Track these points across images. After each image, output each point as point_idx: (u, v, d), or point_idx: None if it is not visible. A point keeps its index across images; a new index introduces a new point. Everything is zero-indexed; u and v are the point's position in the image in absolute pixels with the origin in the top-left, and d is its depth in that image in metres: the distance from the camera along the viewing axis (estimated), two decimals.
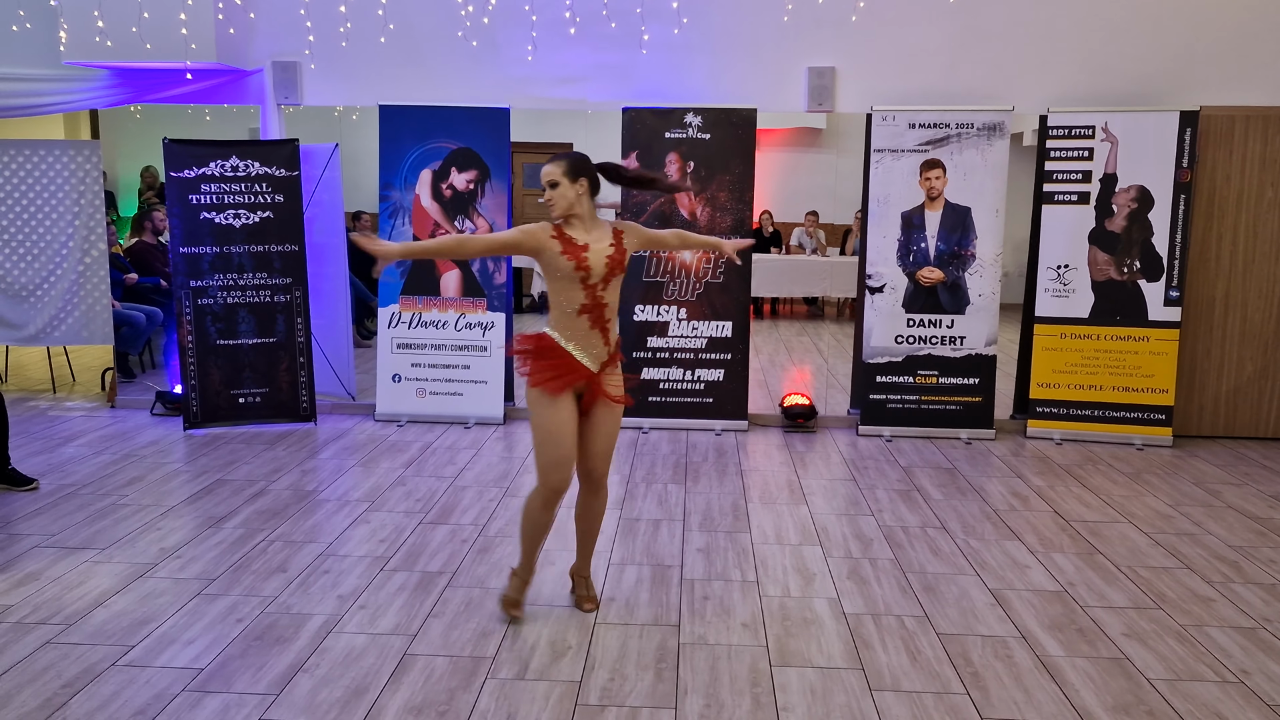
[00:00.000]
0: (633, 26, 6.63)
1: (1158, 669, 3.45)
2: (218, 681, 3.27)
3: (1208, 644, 3.65)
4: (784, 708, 3.17)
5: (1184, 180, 6.27)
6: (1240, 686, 3.34)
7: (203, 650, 3.48)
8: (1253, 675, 3.42)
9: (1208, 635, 3.72)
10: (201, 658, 3.43)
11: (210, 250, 6.44)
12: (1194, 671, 3.44)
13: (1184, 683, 3.36)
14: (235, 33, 6.62)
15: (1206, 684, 3.36)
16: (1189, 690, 3.31)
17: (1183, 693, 3.30)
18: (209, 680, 3.28)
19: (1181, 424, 6.60)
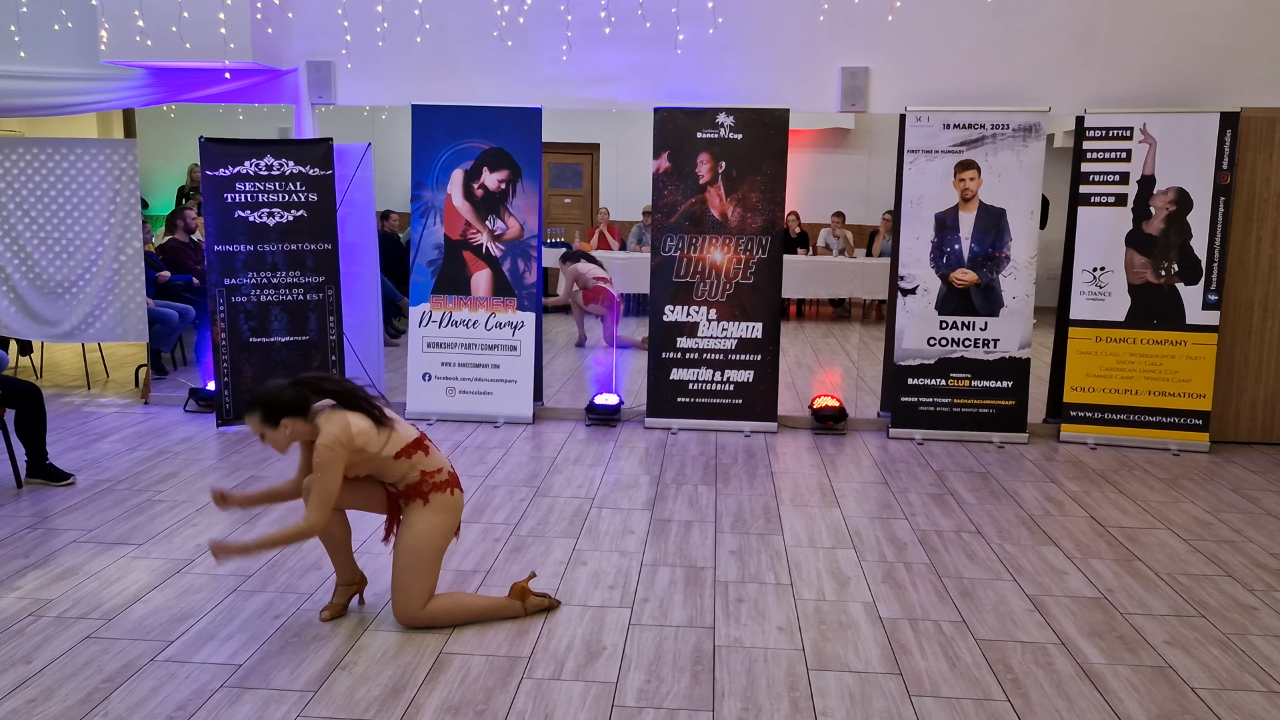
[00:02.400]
0: (667, 26, 6.62)
1: (1202, 678, 3.41)
2: (256, 678, 3.28)
3: (1252, 653, 3.60)
4: (823, 712, 3.14)
5: (1224, 182, 6.19)
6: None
7: (241, 646, 3.50)
8: None
9: (1251, 644, 3.67)
10: (240, 654, 3.44)
11: (244, 248, 6.49)
12: (1239, 681, 3.39)
13: (1229, 692, 3.31)
14: (273, 32, 6.66)
15: (1252, 694, 3.31)
16: (1235, 700, 3.26)
17: (1228, 702, 3.25)
18: (247, 677, 3.29)
19: (1218, 429, 6.52)
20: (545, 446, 6.23)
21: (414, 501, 3.57)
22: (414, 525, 3.56)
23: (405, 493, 3.58)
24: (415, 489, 3.56)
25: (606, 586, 4.08)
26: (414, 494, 3.57)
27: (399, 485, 3.58)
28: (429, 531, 3.56)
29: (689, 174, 6.58)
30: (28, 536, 4.53)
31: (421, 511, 3.57)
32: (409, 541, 3.55)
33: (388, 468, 3.51)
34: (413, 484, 3.56)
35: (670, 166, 6.59)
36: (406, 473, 3.54)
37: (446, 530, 3.61)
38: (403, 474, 3.54)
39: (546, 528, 4.76)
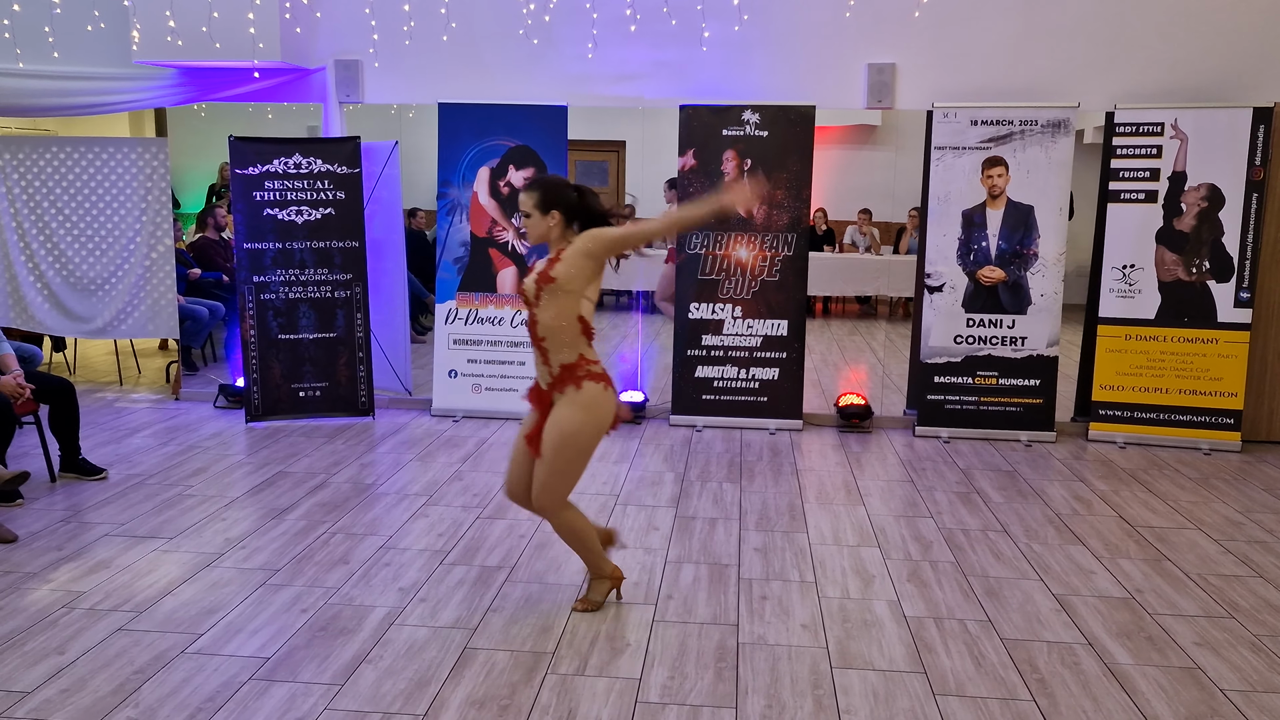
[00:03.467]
0: (693, 23, 6.61)
1: (1232, 680, 3.37)
2: (284, 670, 3.32)
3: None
4: (846, 710, 3.14)
5: (1257, 178, 6.11)
6: None
7: (269, 639, 3.54)
8: None
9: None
10: (268, 647, 3.48)
11: (273, 246, 6.55)
12: (1270, 683, 3.35)
13: (1260, 694, 3.28)
14: (301, 32, 6.72)
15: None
16: (1265, 702, 3.23)
17: (1259, 704, 3.21)
18: (276, 669, 3.33)
19: (1251, 429, 6.43)
20: None
21: (566, 388, 3.50)
22: (561, 421, 3.50)
23: (559, 378, 3.52)
24: (569, 372, 3.50)
25: (631, 583, 4.08)
26: (567, 378, 3.50)
27: (554, 367, 3.52)
28: (577, 430, 3.49)
29: (715, 171, 6.57)
30: (61, 530, 4.60)
31: (571, 405, 3.49)
32: (555, 438, 3.49)
33: (571, 321, 3.49)
34: (568, 365, 3.51)
35: (696, 164, 6.59)
36: (572, 343, 3.50)
37: (595, 431, 3.52)
38: (569, 342, 3.50)
39: None
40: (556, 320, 3.50)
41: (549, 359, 3.54)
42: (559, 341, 3.51)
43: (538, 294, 3.51)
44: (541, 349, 3.55)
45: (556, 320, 3.50)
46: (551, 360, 3.53)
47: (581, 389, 3.49)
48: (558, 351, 3.52)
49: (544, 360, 3.56)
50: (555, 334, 3.50)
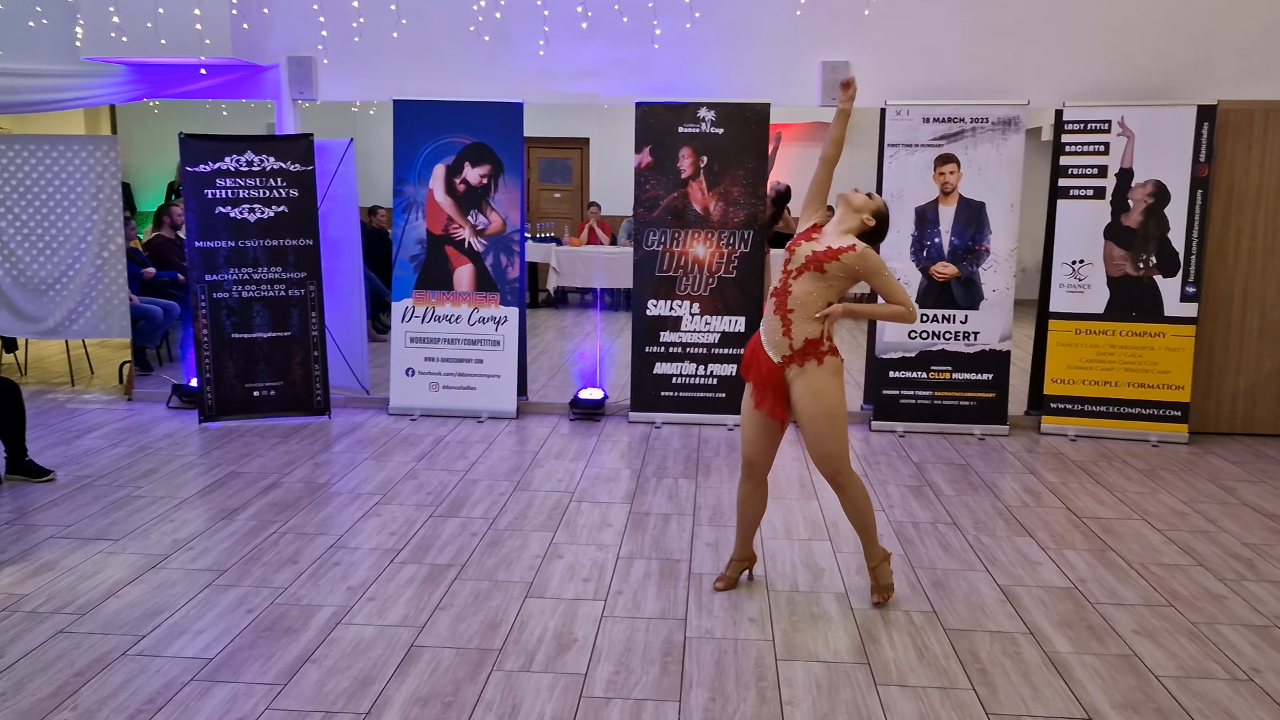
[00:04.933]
0: (645, 21, 6.62)
1: (1168, 666, 3.43)
2: (226, 671, 3.30)
3: (1219, 642, 3.62)
4: (789, 702, 3.17)
5: (1202, 175, 6.21)
6: (1251, 685, 3.31)
7: (213, 640, 3.51)
8: (1263, 673, 3.39)
9: (1219, 633, 3.69)
10: (211, 648, 3.46)
11: (226, 244, 6.49)
12: (1204, 669, 3.42)
13: (1194, 680, 3.34)
14: (250, 28, 6.66)
15: (1217, 682, 3.33)
16: (1199, 688, 3.29)
17: (1192, 690, 3.27)
18: (218, 670, 3.31)
19: (1198, 421, 6.54)
20: (528, 441, 6.25)
21: (810, 362, 3.62)
22: (818, 387, 3.62)
23: (801, 351, 3.62)
24: (813, 346, 3.62)
25: (581, 579, 4.10)
26: (810, 352, 3.62)
27: (796, 340, 3.62)
28: (838, 396, 3.64)
29: (671, 168, 6.59)
30: (5, 532, 4.54)
31: (817, 374, 3.62)
32: (820, 405, 3.62)
33: (822, 303, 3.61)
34: (812, 340, 3.62)
35: (652, 161, 6.60)
36: (817, 322, 3.62)
37: (843, 393, 3.69)
38: (815, 318, 3.61)
39: (525, 521, 4.78)
40: (809, 295, 3.62)
41: (791, 330, 3.63)
42: (807, 313, 3.61)
43: (803, 267, 3.62)
44: (786, 319, 3.63)
45: (809, 295, 3.62)
46: (794, 332, 3.63)
47: (823, 363, 3.63)
48: (803, 323, 3.62)
49: (786, 331, 3.64)
50: (804, 307, 3.62)
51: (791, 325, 3.64)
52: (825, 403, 3.63)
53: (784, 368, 3.68)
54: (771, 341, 3.69)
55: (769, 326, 3.71)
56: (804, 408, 3.67)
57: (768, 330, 3.72)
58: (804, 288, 3.64)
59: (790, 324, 3.64)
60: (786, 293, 3.65)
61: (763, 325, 3.76)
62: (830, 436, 3.66)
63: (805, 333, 3.63)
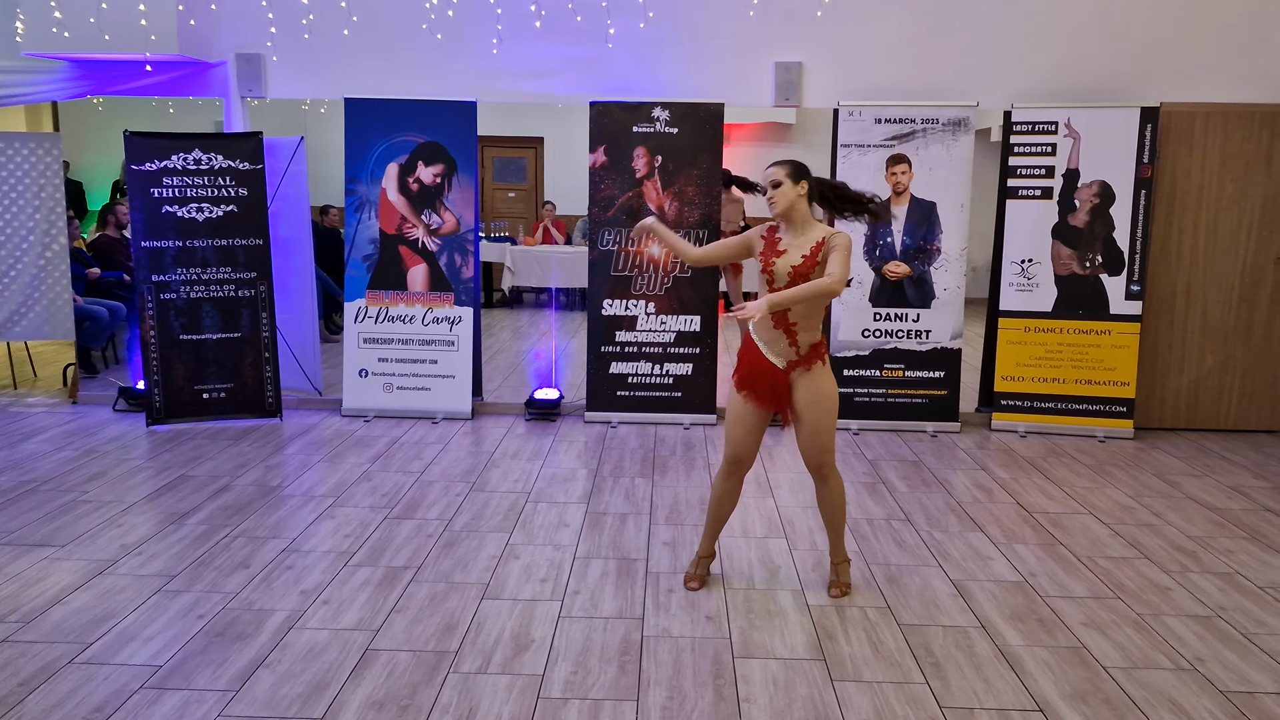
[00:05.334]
0: (599, 20, 6.62)
1: (1115, 657, 3.50)
2: (177, 678, 3.24)
3: (1164, 633, 3.70)
4: (746, 699, 3.18)
5: (1145, 176, 6.35)
6: (1195, 674, 3.39)
7: (162, 647, 3.45)
8: (1207, 663, 3.47)
9: (1164, 624, 3.78)
10: (161, 654, 3.39)
11: (173, 244, 6.38)
12: (1150, 660, 3.49)
13: (1140, 670, 3.41)
14: (196, 24, 6.55)
15: (1162, 671, 3.41)
16: (1145, 678, 3.36)
17: (1139, 680, 3.34)
18: (168, 677, 3.25)
19: (1143, 416, 6.69)
20: (483, 442, 6.22)
21: (815, 364, 3.78)
22: (821, 385, 3.78)
23: (808, 355, 3.77)
24: (816, 350, 3.79)
25: (538, 580, 4.09)
26: (815, 355, 3.79)
27: (802, 347, 3.75)
28: (834, 396, 3.82)
29: (625, 168, 6.59)
30: None
31: (823, 371, 3.79)
32: (822, 401, 3.78)
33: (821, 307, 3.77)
34: (816, 344, 3.79)
35: (607, 160, 6.60)
36: (817, 324, 3.78)
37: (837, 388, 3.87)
38: (816, 324, 3.77)
39: (481, 522, 4.75)
40: (810, 307, 3.72)
41: (797, 340, 3.75)
42: (810, 323, 3.75)
43: (791, 283, 3.70)
44: (791, 331, 3.74)
45: (810, 307, 3.72)
46: (800, 341, 3.76)
47: (825, 363, 3.82)
48: (807, 332, 3.76)
49: (791, 341, 3.76)
50: (807, 317, 3.74)
51: (797, 336, 3.76)
52: (827, 399, 3.80)
53: (789, 371, 3.79)
54: (775, 351, 3.78)
55: (769, 338, 3.77)
56: (808, 404, 3.78)
57: (768, 341, 3.78)
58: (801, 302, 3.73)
59: (795, 334, 3.76)
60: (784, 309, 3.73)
61: (759, 336, 3.80)
62: (827, 430, 3.81)
63: (810, 339, 3.78)
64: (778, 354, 3.78)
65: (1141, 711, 3.15)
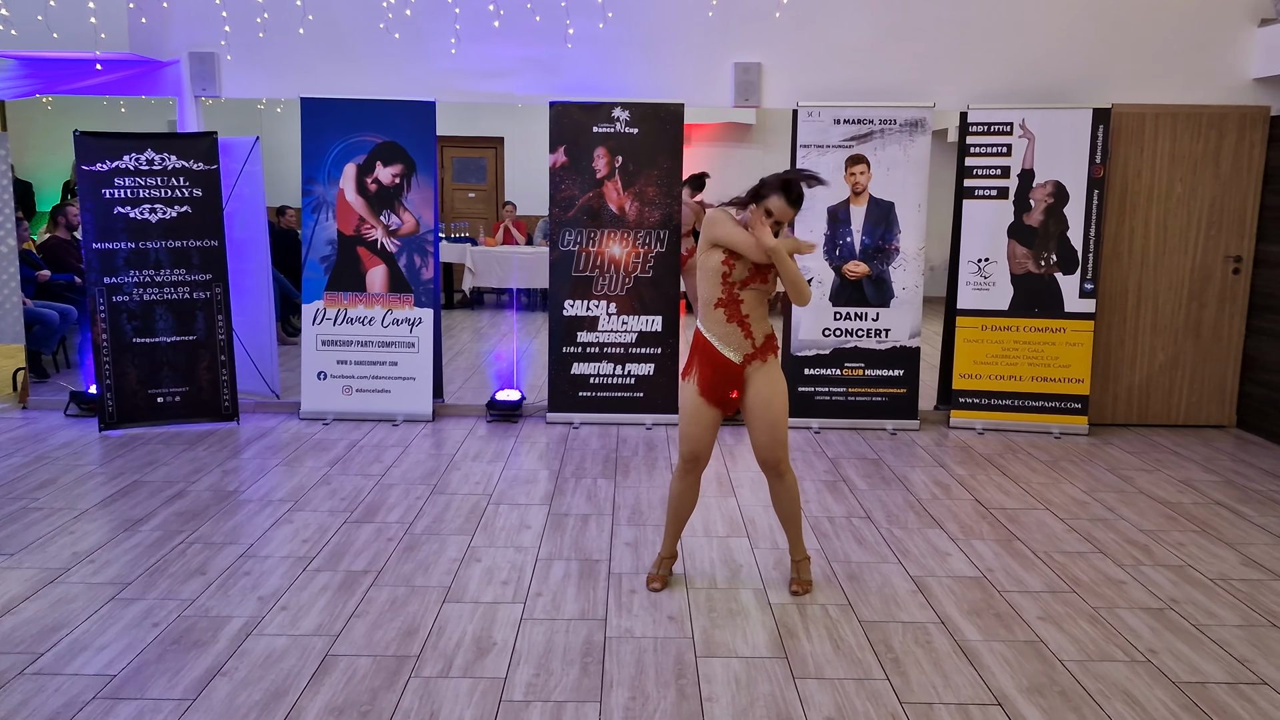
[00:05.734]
0: (558, 20, 6.60)
1: (1070, 650, 3.55)
2: (131, 688, 3.18)
3: (1118, 625, 3.77)
4: (709, 698, 3.19)
5: (1097, 176, 6.45)
6: (1148, 665, 3.45)
7: (116, 656, 3.39)
8: (1160, 654, 3.54)
9: (1118, 617, 3.84)
10: (115, 664, 3.33)
11: (125, 246, 6.27)
12: (1105, 652, 3.55)
13: (1095, 663, 3.47)
14: (148, 22, 6.44)
15: (1116, 664, 3.46)
16: (1100, 670, 3.42)
17: (1094, 673, 3.40)
18: (122, 686, 3.19)
19: (1097, 412, 6.80)
20: (444, 444, 6.18)
21: (768, 358, 3.84)
22: (774, 380, 3.83)
23: (763, 348, 3.82)
24: (770, 342, 3.85)
25: (500, 582, 4.07)
26: (769, 348, 3.85)
27: (757, 339, 3.80)
28: (785, 384, 3.87)
29: (586, 168, 6.58)
30: None
31: (775, 365, 3.85)
32: (778, 396, 3.82)
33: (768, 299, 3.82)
34: (769, 336, 3.86)
35: (567, 161, 6.59)
36: (766, 316, 3.83)
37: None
38: (765, 315, 3.83)
39: (442, 525, 4.72)
40: (760, 304, 3.80)
41: (752, 333, 3.80)
42: (760, 315, 3.81)
43: (748, 281, 3.75)
44: (745, 325, 3.79)
45: (760, 304, 3.80)
46: (755, 333, 3.81)
47: (777, 356, 3.89)
48: (759, 323, 3.81)
49: (747, 335, 3.80)
50: (758, 309, 3.80)
51: (751, 328, 3.80)
52: (781, 393, 3.84)
53: (745, 365, 3.82)
54: (731, 345, 3.80)
55: (724, 332, 3.79)
56: (765, 400, 3.82)
57: (723, 336, 3.80)
58: (751, 298, 3.79)
59: (750, 327, 3.80)
60: (737, 302, 3.77)
61: (711, 333, 3.81)
62: (783, 424, 3.85)
63: (763, 331, 3.84)
64: (733, 349, 3.80)
65: (1096, 704, 3.20)
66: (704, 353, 3.84)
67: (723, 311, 3.78)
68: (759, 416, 3.83)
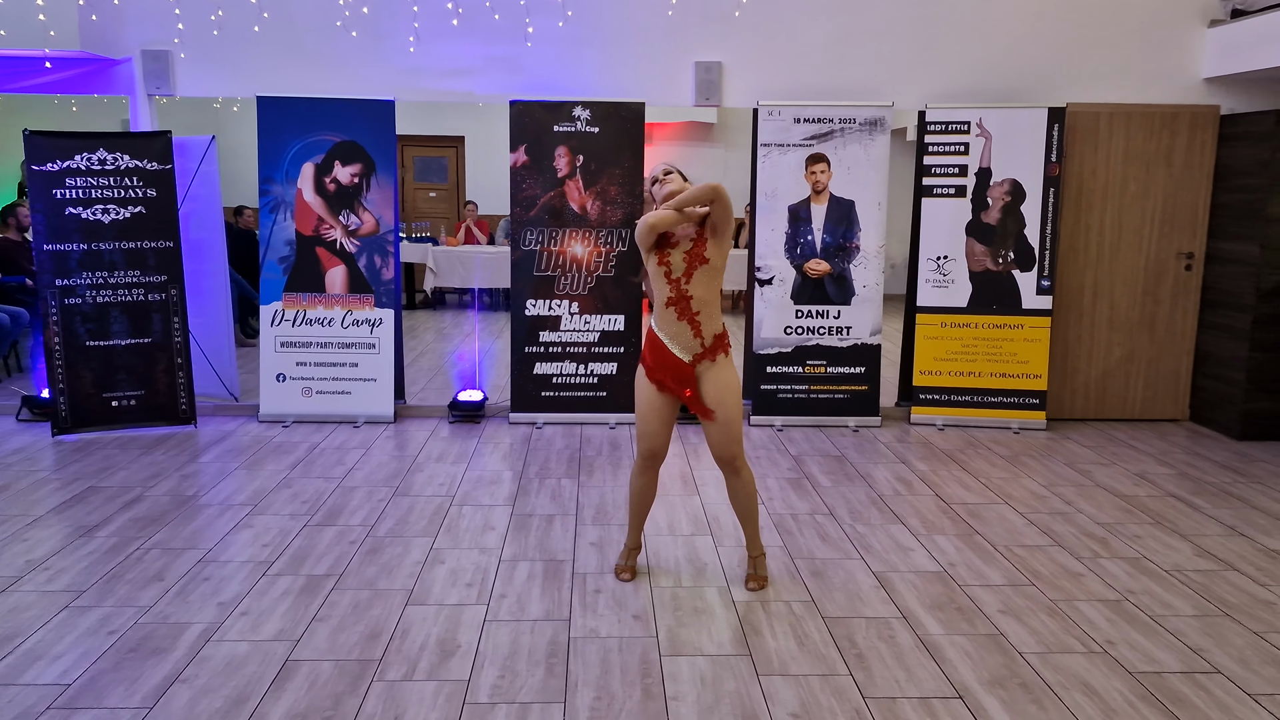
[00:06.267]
0: (517, 19, 6.58)
1: (1030, 643, 3.60)
2: (88, 697, 3.13)
3: (1077, 617, 3.82)
4: (674, 697, 3.20)
5: (1053, 174, 6.54)
6: (1106, 656, 3.51)
7: (72, 665, 3.33)
8: (1117, 645, 3.60)
9: (1077, 609, 3.90)
10: (70, 673, 3.27)
11: (78, 247, 6.15)
12: (1063, 644, 3.60)
13: (1054, 655, 3.52)
14: (99, 20, 6.33)
15: (1075, 655, 3.52)
16: (1059, 662, 3.47)
17: (1053, 664, 3.45)
18: (78, 696, 3.13)
19: (1055, 407, 6.90)
20: (407, 445, 6.13)
21: (718, 355, 3.84)
22: (726, 377, 3.83)
23: (713, 346, 3.82)
24: (721, 340, 3.85)
25: (464, 584, 4.05)
26: (719, 346, 3.84)
27: (706, 338, 3.80)
28: (739, 382, 3.88)
29: (547, 167, 6.56)
30: None
31: (727, 363, 3.85)
32: (729, 393, 3.82)
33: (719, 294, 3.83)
34: (719, 335, 3.85)
35: (528, 160, 6.56)
36: (718, 313, 3.83)
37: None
38: (716, 313, 3.82)
39: (405, 527, 4.69)
40: (710, 294, 3.80)
41: (702, 331, 3.80)
42: (711, 313, 3.80)
43: (689, 270, 3.75)
44: (695, 322, 3.79)
45: (710, 294, 3.80)
46: (705, 331, 3.80)
47: (728, 354, 3.88)
48: (710, 321, 3.81)
49: (696, 333, 3.80)
50: (709, 306, 3.79)
51: (701, 326, 3.80)
52: (735, 390, 3.85)
53: (695, 364, 3.82)
54: (680, 344, 3.81)
55: (674, 331, 3.81)
56: (719, 398, 3.83)
57: (673, 334, 3.81)
58: (700, 288, 3.78)
59: (699, 325, 3.80)
60: (686, 299, 3.77)
61: (662, 331, 3.83)
62: (737, 420, 3.86)
63: (713, 329, 3.84)
64: (683, 348, 3.81)
65: (1056, 695, 3.24)
66: (656, 351, 3.85)
67: (674, 310, 3.79)
68: (713, 415, 3.84)
